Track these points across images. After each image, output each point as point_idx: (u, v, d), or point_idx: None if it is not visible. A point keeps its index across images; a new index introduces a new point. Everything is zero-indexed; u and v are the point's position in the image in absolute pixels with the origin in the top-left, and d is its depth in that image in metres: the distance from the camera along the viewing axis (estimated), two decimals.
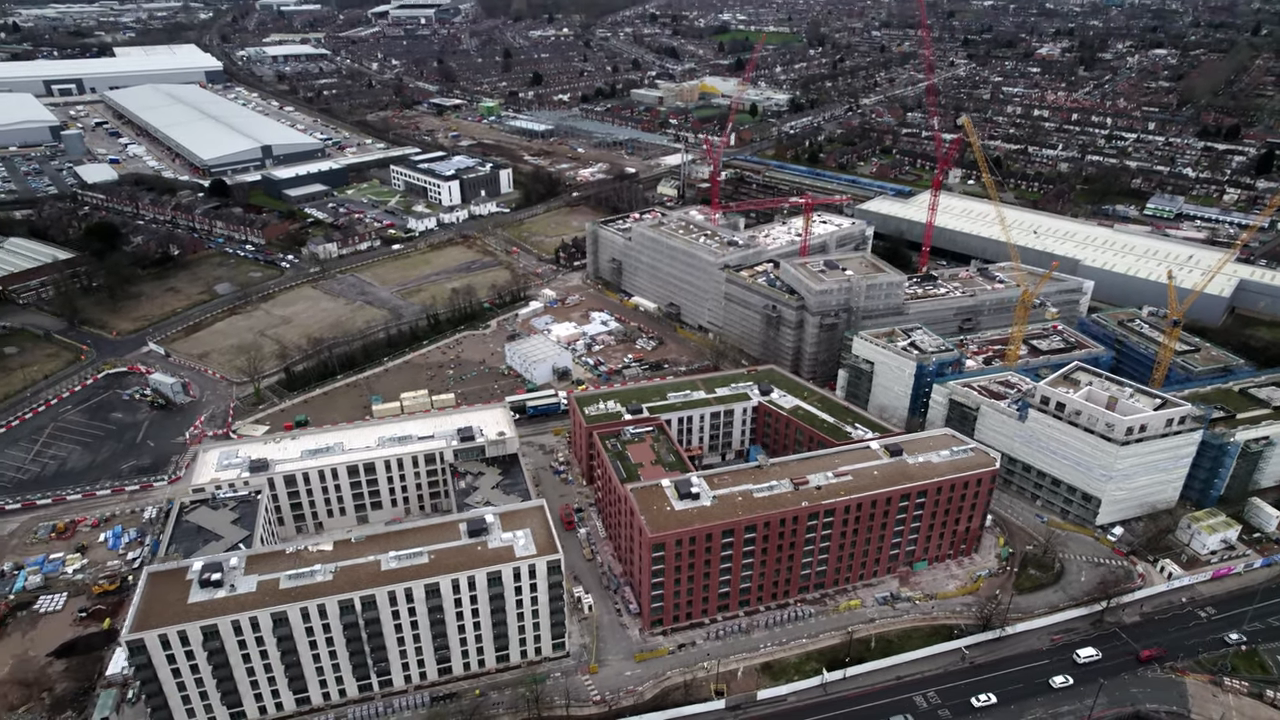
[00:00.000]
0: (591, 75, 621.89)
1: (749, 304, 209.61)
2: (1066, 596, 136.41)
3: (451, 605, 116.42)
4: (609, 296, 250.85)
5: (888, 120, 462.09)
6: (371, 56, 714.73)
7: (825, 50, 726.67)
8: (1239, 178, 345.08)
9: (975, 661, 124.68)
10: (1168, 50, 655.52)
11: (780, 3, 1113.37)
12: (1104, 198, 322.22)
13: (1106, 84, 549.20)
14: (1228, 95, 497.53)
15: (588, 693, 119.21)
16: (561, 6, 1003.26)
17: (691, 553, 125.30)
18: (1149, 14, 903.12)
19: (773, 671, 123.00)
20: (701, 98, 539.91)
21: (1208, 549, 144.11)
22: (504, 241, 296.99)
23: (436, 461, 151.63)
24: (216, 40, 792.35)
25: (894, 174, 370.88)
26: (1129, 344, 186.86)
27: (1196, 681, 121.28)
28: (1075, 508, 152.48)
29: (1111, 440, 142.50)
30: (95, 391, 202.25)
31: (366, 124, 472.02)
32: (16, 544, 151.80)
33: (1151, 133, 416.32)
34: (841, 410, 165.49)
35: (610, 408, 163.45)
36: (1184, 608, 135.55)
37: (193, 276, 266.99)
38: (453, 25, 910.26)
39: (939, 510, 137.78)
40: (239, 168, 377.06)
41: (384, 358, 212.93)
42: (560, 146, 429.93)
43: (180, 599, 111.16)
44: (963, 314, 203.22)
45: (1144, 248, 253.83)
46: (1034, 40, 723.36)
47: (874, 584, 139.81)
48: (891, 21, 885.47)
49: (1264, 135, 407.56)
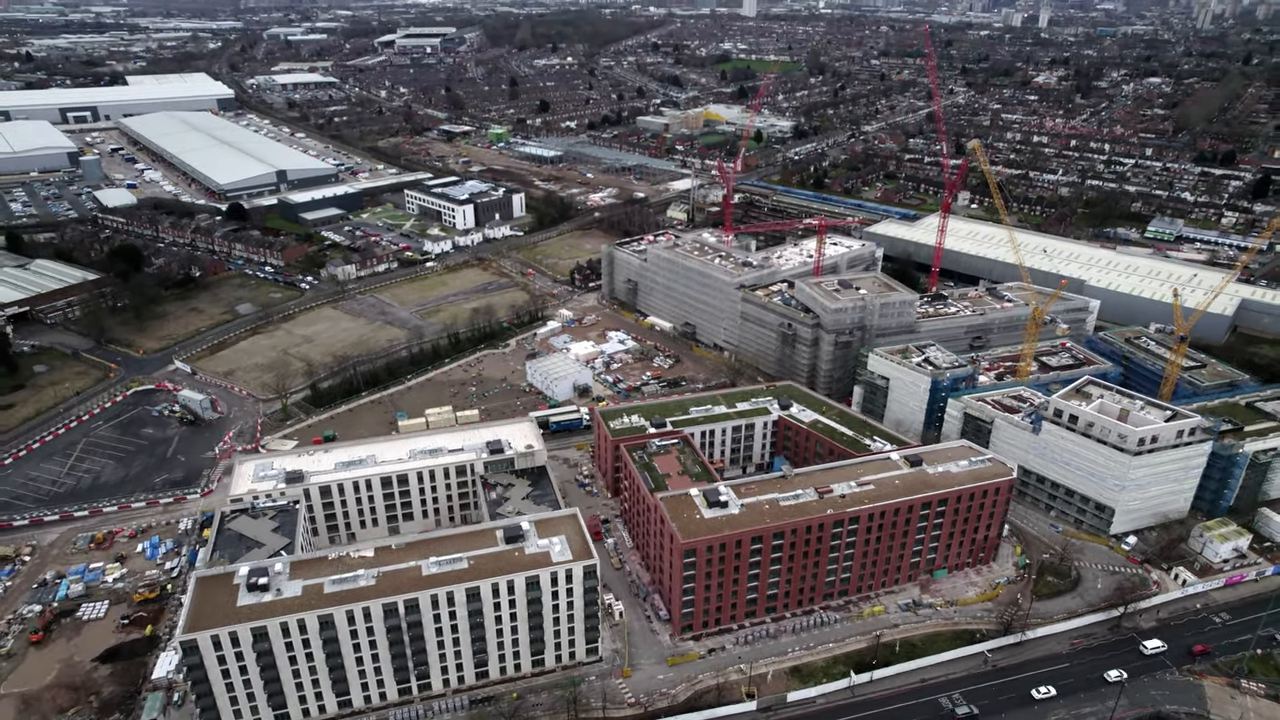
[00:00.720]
0: (597, 103, 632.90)
1: (765, 322, 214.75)
2: (1084, 603, 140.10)
3: (490, 609, 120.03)
4: (625, 316, 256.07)
5: (890, 146, 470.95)
6: (379, 84, 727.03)
7: (826, 78, 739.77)
8: (1236, 201, 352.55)
9: (998, 664, 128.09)
10: (1162, 79, 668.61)
11: (780, 32, 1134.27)
12: (1105, 221, 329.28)
13: (1103, 111, 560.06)
14: (1222, 122, 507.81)
15: (622, 695, 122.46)
16: (565, 36, 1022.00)
17: (721, 559, 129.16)
18: (1142, 44, 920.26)
19: (801, 675, 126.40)
20: (706, 125, 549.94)
21: (1220, 557, 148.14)
22: (519, 264, 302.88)
23: (467, 473, 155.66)
24: (226, 69, 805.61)
25: (898, 198, 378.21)
26: (1136, 360, 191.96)
27: (1214, 684, 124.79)
28: (1089, 517, 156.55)
29: (1124, 451, 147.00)
30: (125, 408, 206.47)
31: (378, 150, 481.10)
32: (57, 554, 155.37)
33: (1149, 158, 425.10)
34: (859, 424, 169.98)
35: (634, 422, 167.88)
36: (1199, 613, 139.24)
37: (214, 297, 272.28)
38: (458, 54, 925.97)
39: (958, 518, 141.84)
40: (254, 192, 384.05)
41: (407, 375, 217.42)
42: (569, 172, 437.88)
43: (229, 602, 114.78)
44: (973, 332, 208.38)
45: (1147, 268, 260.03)
46: (1030, 69, 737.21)
47: (896, 591, 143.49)
48: (890, 50, 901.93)
49: (1259, 161, 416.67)
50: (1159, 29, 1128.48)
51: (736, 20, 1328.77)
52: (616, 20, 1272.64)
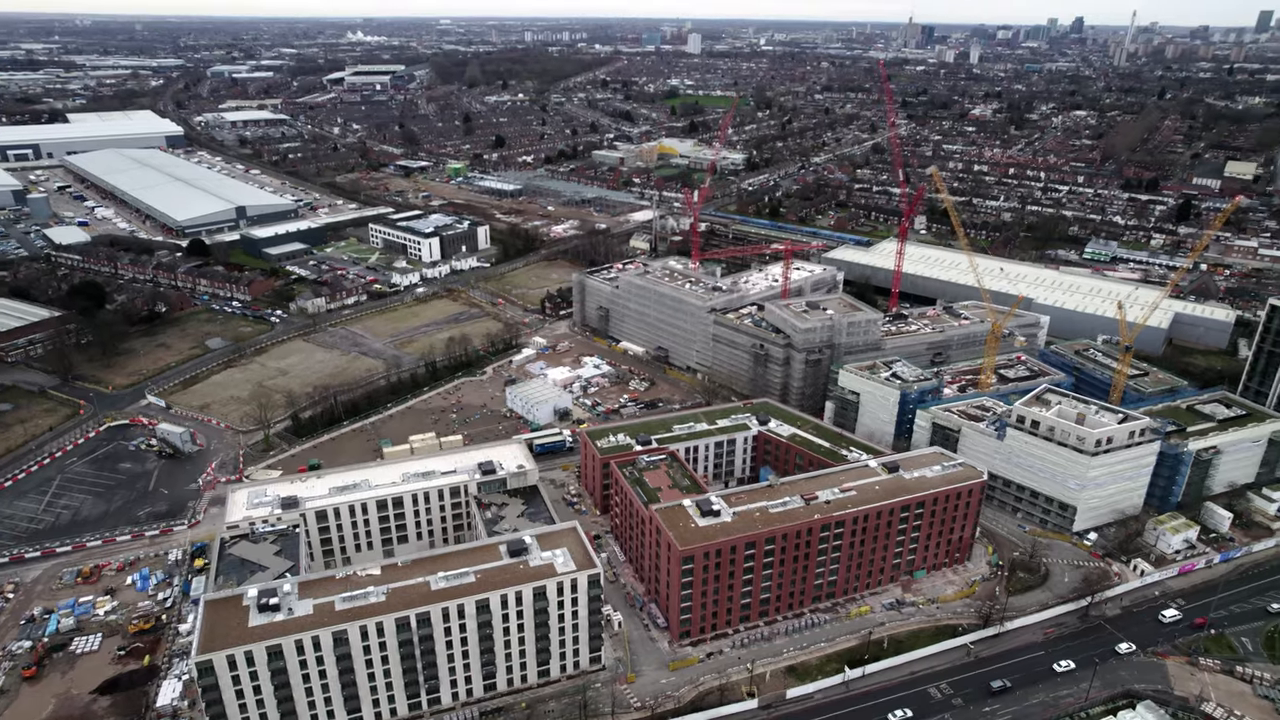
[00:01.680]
0: (552, 138, 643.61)
1: (737, 344, 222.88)
2: (1054, 595, 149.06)
3: (499, 621, 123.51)
4: (597, 342, 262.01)
5: (840, 176, 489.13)
6: (331, 121, 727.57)
7: (773, 113, 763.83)
8: (1162, 224, 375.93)
9: (980, 655, 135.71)
10: (1087, 111, 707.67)
11: (725, 69, 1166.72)
12: (1046, 244, 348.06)
13: (1036, 141, 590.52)
14: (1144, 151, 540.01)
15: (629, 700, 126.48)
16: (514, 74, 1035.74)
17: (717, 565, 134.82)
18: (1066, 79, 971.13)
19: (797, 673, 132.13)
20: (660, 158, 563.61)
21: (1173, 548, 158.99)
22: (488, 294, 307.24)
23: (461, 495, 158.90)
24: (172, 106, 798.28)
25: (851, 226, 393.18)
26: (1086, 370, 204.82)
27: (1176, 663, 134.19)
28: (1053, 517, 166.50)
29: (1083, 452, 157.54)
30: (99, 444, 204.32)
31: (335, 185, 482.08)
32: (42, 590, 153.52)
33: (1081, 185, 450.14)
34: (835, 436, 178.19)
35: (621, 440, 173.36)
36: (1157, 600, 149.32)
37: (182, 332, 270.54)
38: (408, 92, 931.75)
39: (935, 520, 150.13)
40: (214, 228, 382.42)
41: (387, 404, 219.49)
42: (530, 205, 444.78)
43: (240, 623, 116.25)
44: (934, 348, 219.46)
45: (1088, 287, 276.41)
46: (967, 102, 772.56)
47: (880, 592, 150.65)
48: (832, 86, 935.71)
49: (1179, 186, 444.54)
50: (1080, 66, 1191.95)
51: (682, 57, 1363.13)
52: (564, 58, 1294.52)
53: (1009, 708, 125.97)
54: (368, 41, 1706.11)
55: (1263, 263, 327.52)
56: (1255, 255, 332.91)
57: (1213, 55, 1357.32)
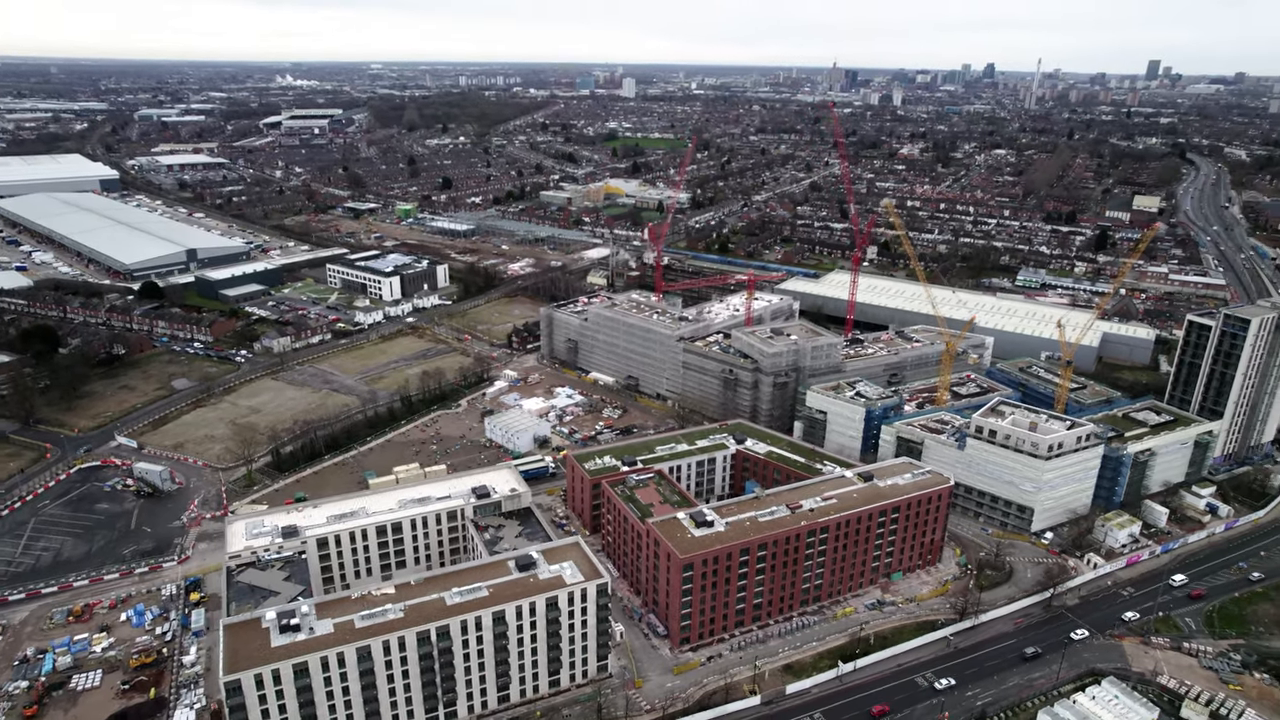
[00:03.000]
0: (498, 179, 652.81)
1: (706, 370, 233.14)
2: (1019, 590, 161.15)
3: (514, 632, 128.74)
4: (567, 374, 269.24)
5: (783, 214, 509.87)
6: (273, 164, 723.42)
7: (711, 153, 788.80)
8: (1083, 253, 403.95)
9: (958, 646, 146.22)
10: (1006, 150, 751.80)
11: (661, 111, 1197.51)
12: (980, 273, 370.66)
13: (962, 178, 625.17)
14: (1061, 187, 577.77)
15: (639, 704, 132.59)
16: (453, 117, 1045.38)
17: (715, 571, 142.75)
18: (984, 120, 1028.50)
19: (794, 670, 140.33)
20: (608, 198, 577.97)
21: (1119, 543, 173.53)
22: (452, 330, 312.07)
23: (458, 518, 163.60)
24: (101, 150, 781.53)
25: (798, 259, 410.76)
26: (1030, 385, 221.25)
27: (1131, 643, 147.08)
28: (1012, 519, 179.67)
29: (1037, 456, 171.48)
30: (72, 485, 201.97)
31: (285, 228, 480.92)
32: (32, 630, 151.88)
33: (1007, 218, 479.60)
34: (808, 452, 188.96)
35: (607, 462, 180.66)
36: (1110, 589, 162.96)
37: (144, 374, 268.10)
38: (348, 135, 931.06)
39: (908, 524, 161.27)
40: (164, 271, 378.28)
41: (366, 438, 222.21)
42: (484, 244, 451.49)
43: (263, 645, 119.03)
44: (890, 369, 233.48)
45: (1024, 311, 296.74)
46: (894, 142, 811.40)
47: (861, 594, 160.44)
48: (766, 128, 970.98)
49: (1095, 219, 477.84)
50: (995, 108, 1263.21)
51: (617, 101, 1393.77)
52: (502, 102, 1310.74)
53: (989, 690, 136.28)
54: (300, 86, 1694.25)
55: (1173, 286, 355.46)
56: (1166, 280, 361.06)
57: (1111, 100, 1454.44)
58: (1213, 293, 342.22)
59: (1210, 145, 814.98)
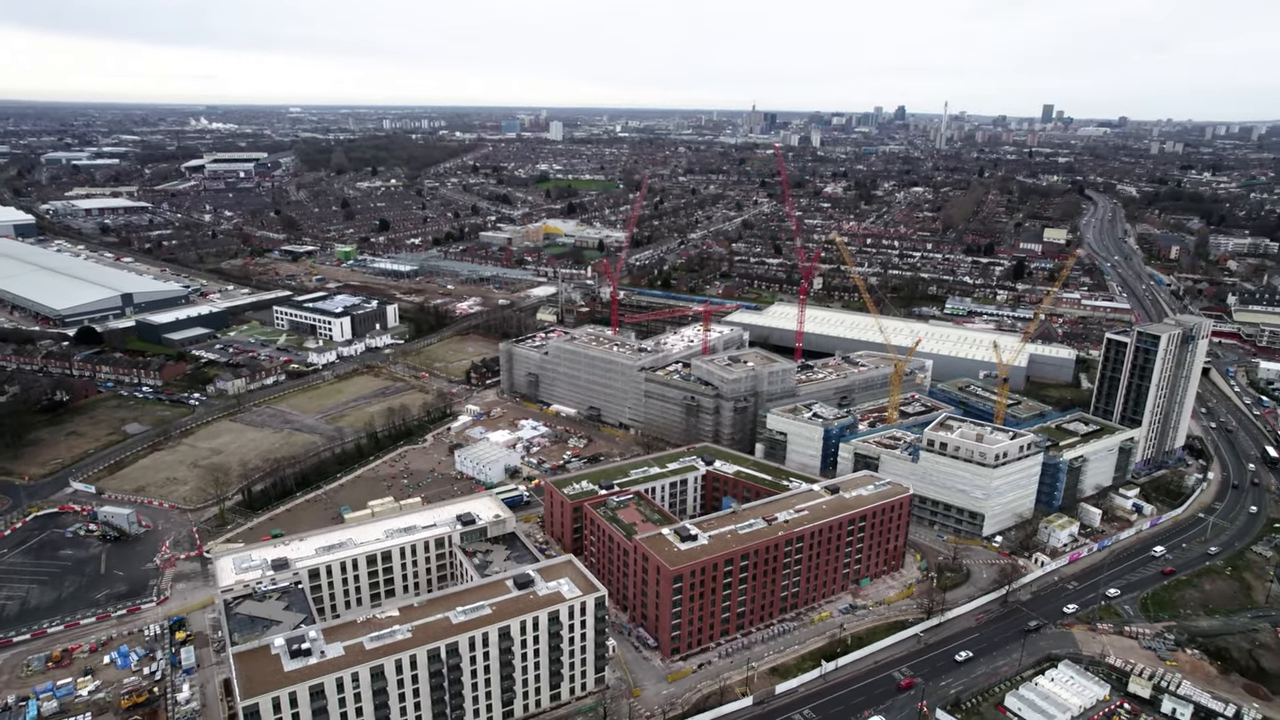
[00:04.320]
0: (435, 221, 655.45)
1: (668, 398, 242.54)
2: (977, 589, 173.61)
3: (518, 647, 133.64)
4: (528, 407, 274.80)
5: (720, 250, 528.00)
6: (199, 208, 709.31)
7: (644, 193, 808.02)
8: (1002, 283, 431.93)
9: (928, 642, 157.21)
10: (923, 188, 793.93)
11: (589, 154, 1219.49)
12: (911, 302, 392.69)
13: (885, 214, 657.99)
14: (977, 222, 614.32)
15: (639, 711, 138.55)
16: (382, 160, 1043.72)
17: (702, 582, 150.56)
18: (900, 160, 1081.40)
19: (780, 672, 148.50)
20: (547, 238, 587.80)
21: (1061, 542, 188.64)
22: (409, 368, 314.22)
23: (446, 545, 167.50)
24: (9, 194, 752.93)
25: (738, 293, 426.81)
26: (970, 403, 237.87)
27: (1080, 630, 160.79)
28: (965, 525, 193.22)
29: (986, 465, 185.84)
30: (30, 533, 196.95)
31: (222, 271, 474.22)
32: (8, 679, 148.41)
33: (930, 251, 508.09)
34: (773, 470, 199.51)
35: (585, 487, 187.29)
36: (1057, 584, 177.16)
37: (92, 420, 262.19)
38: (275, 179, 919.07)
39: (874, 531, 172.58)
40: (98, 316, 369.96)
41: (336, 474, 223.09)
42: (429, 284, 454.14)
43: (275, 670, 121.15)
44: (840, 391, 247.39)
45: (955, 336, 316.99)
46: (818, 181, 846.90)
47: (834, 600, 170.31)
48: (694, 169, 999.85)
49: (1010, 250, 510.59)
50: (909, 148, 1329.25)
51: (545, 144, 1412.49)
52: (429, 145, 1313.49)
53: (960, 680, 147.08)
54: (218, 129, 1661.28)
55: (1086, 311, 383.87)
56: (1079, 305, 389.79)
57: (1013, 140, 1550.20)
58: (1120, 316, 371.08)
59: (1104, 182, 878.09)
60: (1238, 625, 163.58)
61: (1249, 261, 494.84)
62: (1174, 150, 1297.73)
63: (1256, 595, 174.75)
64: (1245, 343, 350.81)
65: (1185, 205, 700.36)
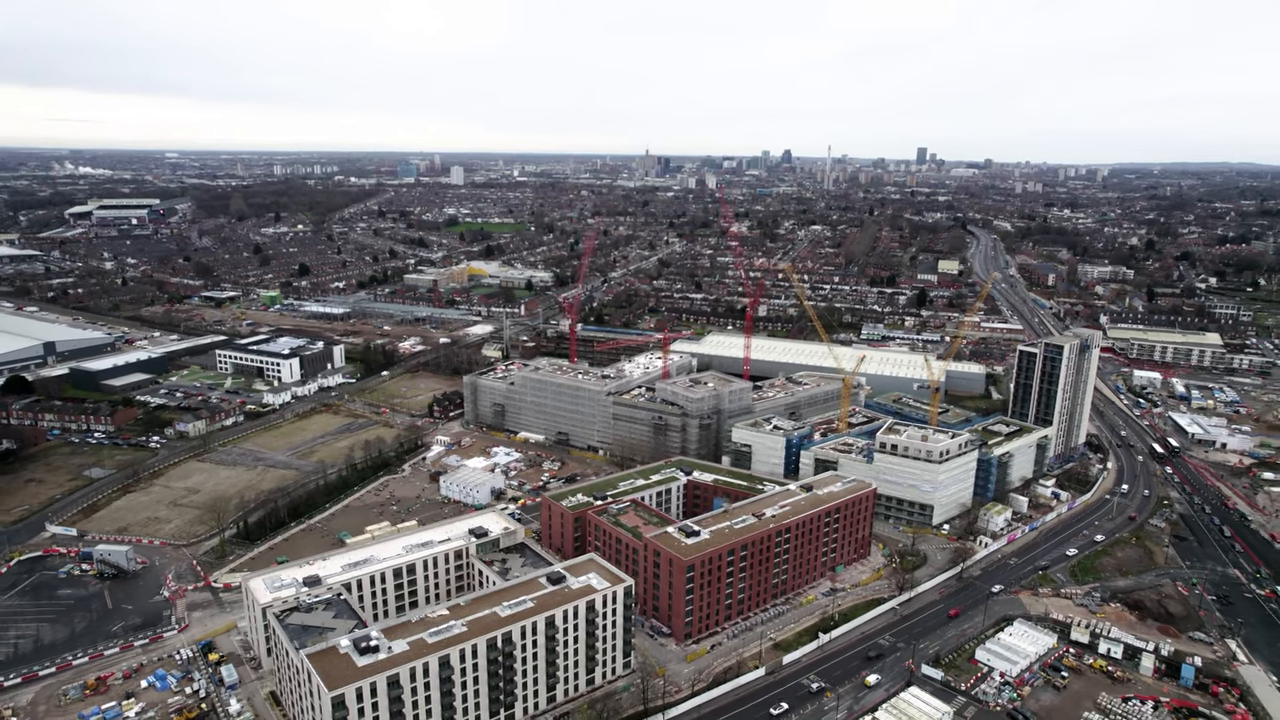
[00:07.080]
0: (355, 265, 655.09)
1: (636, 419, 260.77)
2: (935, 569, 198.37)
3: (562, 634, 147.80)
4: (496, 435, 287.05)
5: (643, 287, 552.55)
6: (95, 255, 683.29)
7: (556, 235, 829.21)
8: (907, 310, 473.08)
9: (904, 614, 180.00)
10: (821, 226, 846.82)
11: (494, 198, 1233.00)
12: (830, 330, 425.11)
13: (790, 251, 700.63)
14: (876, 255, 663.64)
15: (669, 687, 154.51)
16: (283, 205, 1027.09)
17: (709, 571, 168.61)
18: (794, 200, 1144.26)
19: (782, 646, 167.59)
20: (472, 279, 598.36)
21: (999, 527, 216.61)
22: (367, 405, 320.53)
23: (464, 557, 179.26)
24: None
25: (668, 326, 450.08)
26: (905, 413, 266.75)
27: (1025, 595, 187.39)
28: (918, 517, 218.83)
29: (932, 462, 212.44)
30: (19, 577, 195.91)
31: (142, 318, 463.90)
32: (46, 709, 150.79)
33: (838, 284, 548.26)
34: (747, 476, 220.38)
35: (581, 499, 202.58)
36: (1000, 561, 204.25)
37: (49, 466, 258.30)
38: (172, 225, 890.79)
39: (847, 521, 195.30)
40: (19, 366, 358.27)
41: (325, 504, 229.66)
42: (364, 326, 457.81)
43: (349, 666, 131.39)
44: (790, 407, 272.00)
45: (880, 358, 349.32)
46: (722, 221, 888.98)
47: (815, 585, 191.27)
48: (600, 211, 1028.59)
49: (910, 281, 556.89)
50: (800, 189, 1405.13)
51: (448, 188, 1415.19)
52: (329, 190, 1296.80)
53: (934, 643, 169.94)
54: (91, 174, 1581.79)
55: (985, 332, 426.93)
56: (979, 327, 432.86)
57: (893, 180, 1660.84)
58: (1015, 335, 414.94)
59: (983, 218, 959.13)
60: (1146, 582, 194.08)
61: (1112, 286, 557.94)
62: (1035, 190, 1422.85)
63: (1157, 558, 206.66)
64: (1119, 355, 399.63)
65: (1054, 238, 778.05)
